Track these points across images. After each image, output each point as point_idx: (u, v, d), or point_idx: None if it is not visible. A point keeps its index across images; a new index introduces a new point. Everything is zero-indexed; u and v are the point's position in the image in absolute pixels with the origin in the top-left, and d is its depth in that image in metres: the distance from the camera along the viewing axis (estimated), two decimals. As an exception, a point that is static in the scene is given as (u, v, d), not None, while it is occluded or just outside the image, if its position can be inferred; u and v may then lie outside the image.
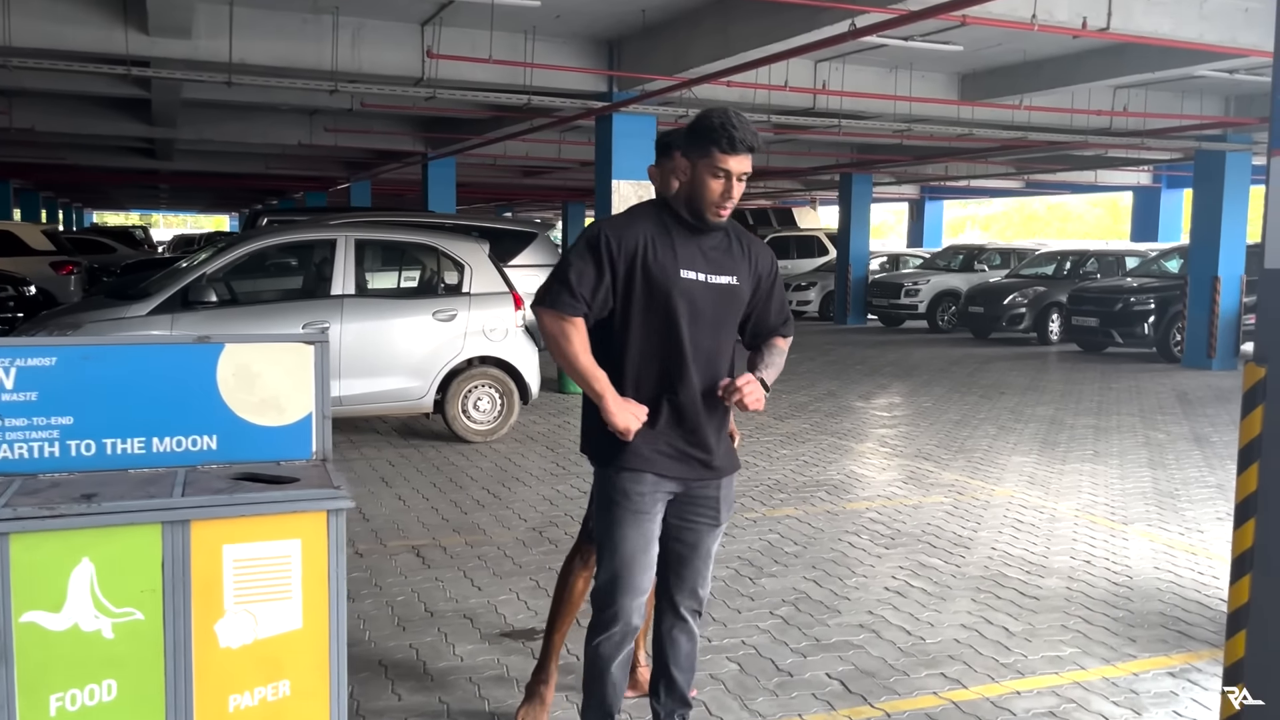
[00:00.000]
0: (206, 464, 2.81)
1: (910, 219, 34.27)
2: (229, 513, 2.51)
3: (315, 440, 2.91)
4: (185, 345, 2.79)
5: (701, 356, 2.92)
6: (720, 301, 2.94)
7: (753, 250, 3.03)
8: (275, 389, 2.86)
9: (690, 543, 3.07)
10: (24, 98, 15.23)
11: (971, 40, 10.61)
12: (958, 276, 20.64)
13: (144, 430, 2.75)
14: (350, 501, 2.61)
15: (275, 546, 2.56)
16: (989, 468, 7.99)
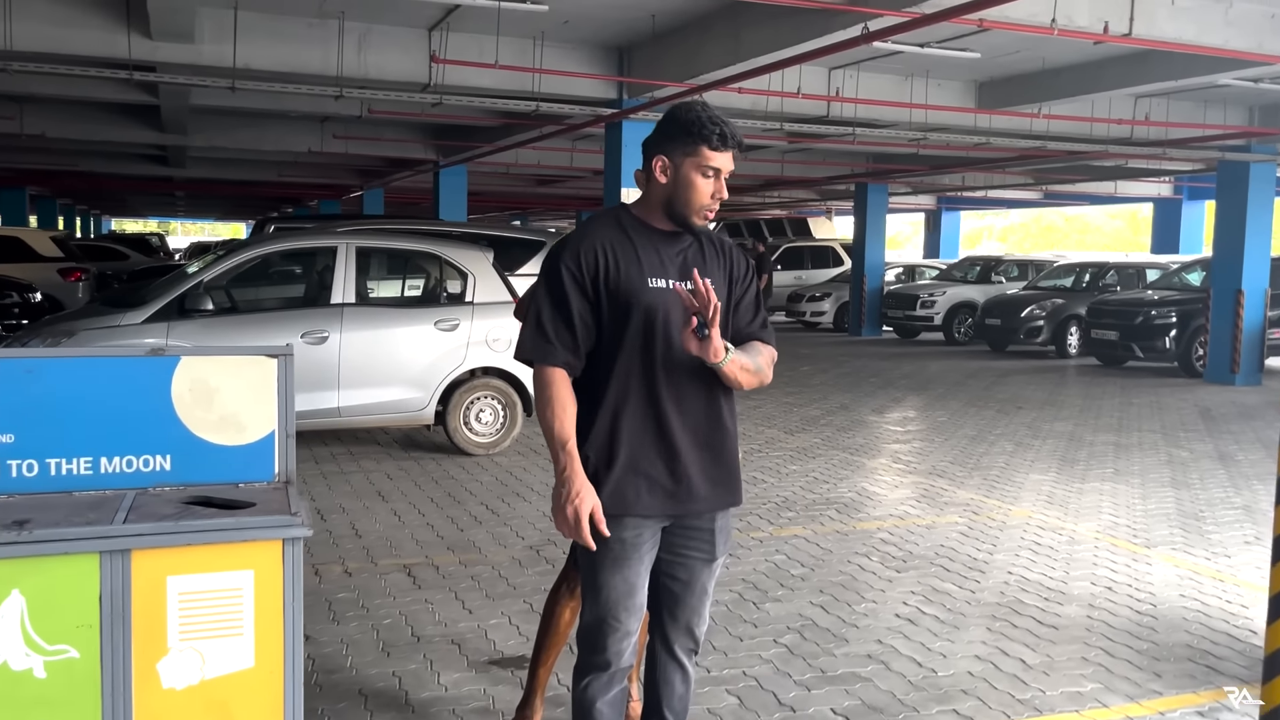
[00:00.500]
0: (159, 486, 2.61)
1: (926, 230, 33.97)
2: (174, 541, 2.31)
3: (278, 461, 2.71)
4: (137, 358, 2.59)
5: (682, 374, 2.64)
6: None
7: (726, 251, 2.78)
8: (235, 405, 2.66)
9: (683, 579, 2.79)
10: (34, 104, 15.20)
11: (989, 47, 10.39)
12: (974, 288, 20.36)
13: (91, 449, 2.56)
14: (307, 530, 2.40)
15: (225, 578, 2.35)
16: (1005, 486, 7.74)
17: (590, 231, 2.66)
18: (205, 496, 2.53)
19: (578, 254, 2.60)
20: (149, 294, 7.99)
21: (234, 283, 8.21)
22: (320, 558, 5.62)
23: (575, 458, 2.55)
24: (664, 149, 2.62)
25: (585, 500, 2.53)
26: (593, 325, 2.62)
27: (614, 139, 11.22)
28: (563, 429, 2.56)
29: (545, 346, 2.59)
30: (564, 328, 2.59)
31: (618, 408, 2.63)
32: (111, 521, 2.30)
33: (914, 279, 24.16)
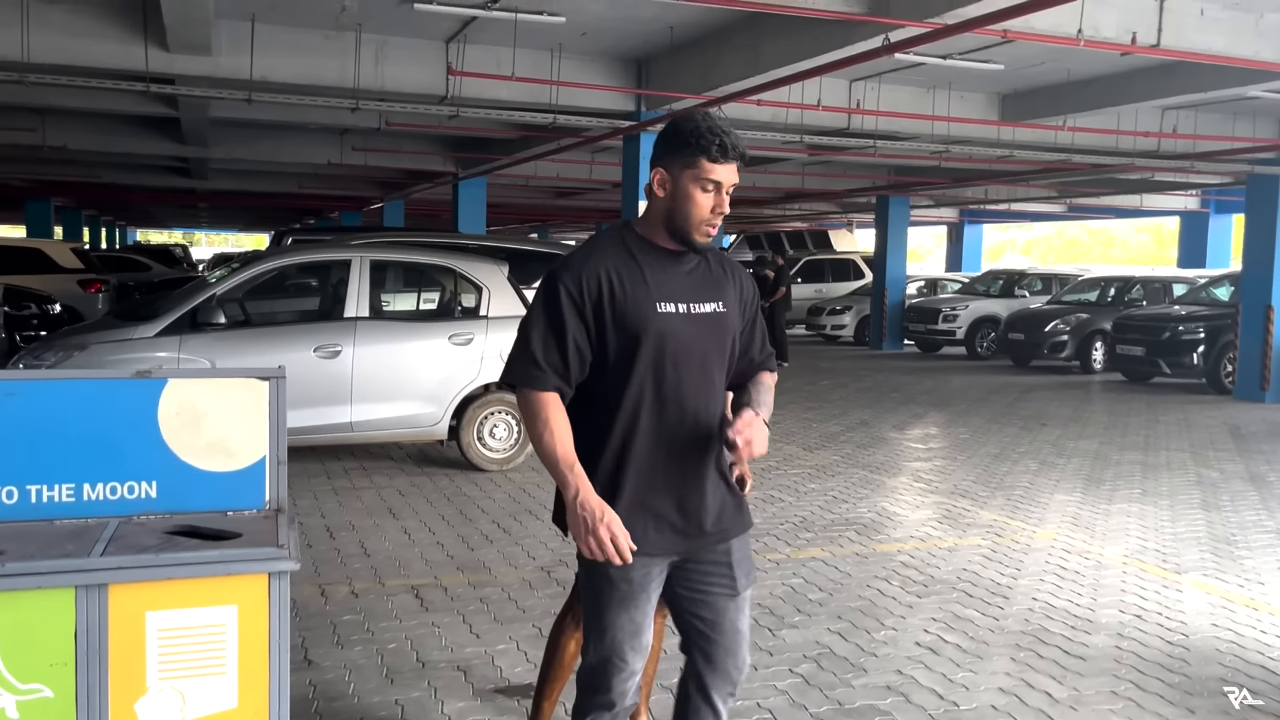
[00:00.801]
0: (144, 514, 2.50)
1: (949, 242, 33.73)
2: (153, 575, 2.20)
3: (269, 488, 2.60)
4: (122, 380, 2.49)
5: (690, 402, 2.50)
6: (707, 334, 2.51)
7: (735, 273, 2.66)
8: (224, 430, 2.55)
9: (709, 618, 2.60)
10: (55, 116, 15.28)
11: (1013, 59, 10.23)
12: (997, 302, 20.13)
13: (74, 476, 2.46)
14: (294, 563, 2.28)
15: (207, 614, 2.24)
16: (1030, 507, 7.55)
17: (593, 253, 2.49)
18: (191, 526, 2.43)
19: (579, 277, 2.44)
20: (162, 307, 7.93)
21: (247, 296, 8.15)
22: (327, 578, 5.51)
23: (584, 478, 2.39)
24: (663, 161, 2.48)
25: (612, 519, 2.37)
26: (588, 354, 2.47)
27: (632, 151, 11.13)
28: (565, 451, 2.40)
29: (534, 372, 2.43)
30: (556, 353, 2.44)
31: (625, 440, 2.48)
32: (89, 554, 2.20)
33: (936, 292, 23.94)
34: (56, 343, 7.72)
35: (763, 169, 18.96)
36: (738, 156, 2.44)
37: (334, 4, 9.14)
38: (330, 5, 9.18)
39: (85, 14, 9.16)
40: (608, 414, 2.48)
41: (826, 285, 25.19)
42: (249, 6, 9.26)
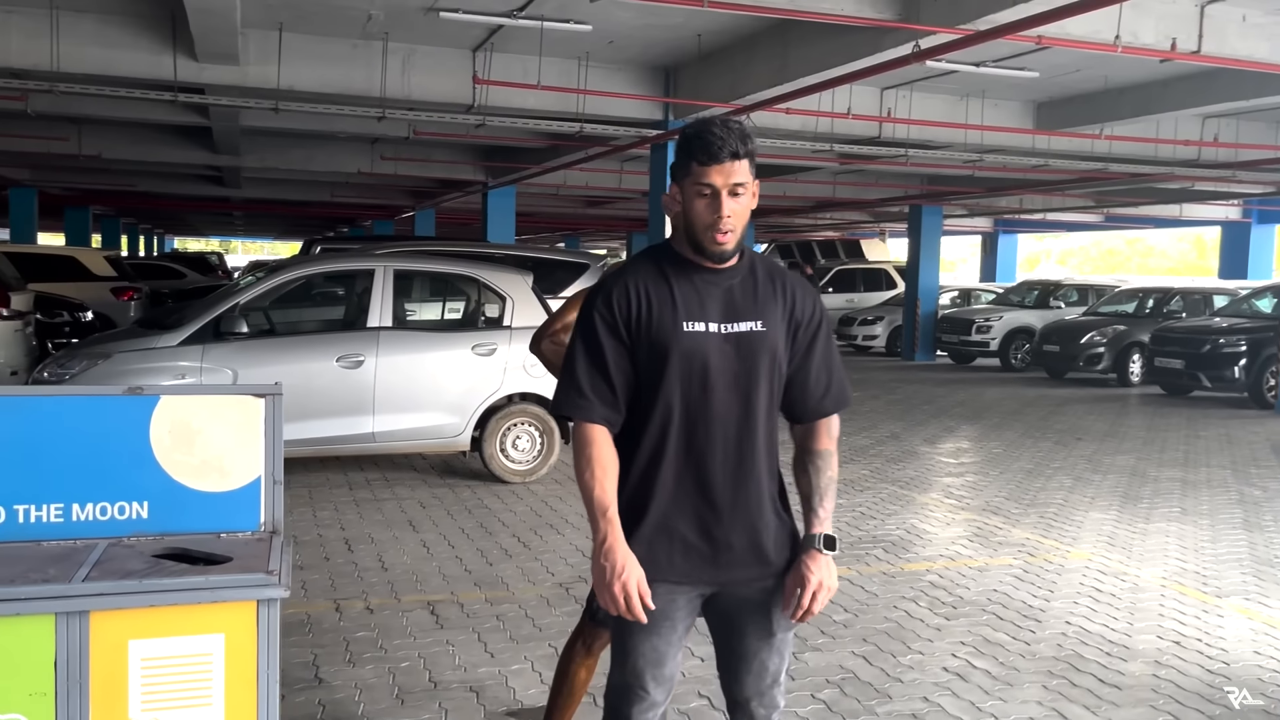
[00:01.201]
0: (135, 535, 2.42)
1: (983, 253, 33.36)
2: (137, 602, 2.11)
3: (264, 509, 2.51)
4: (114, 397, 2.41)
5: (722, 425, 2.35)
6: (743, 354, 2.34)
7: (789, 289, 2.42)
8: (219, 449, 2.47)
9: (740, 653, 2.46)
10: (90, 125, 15.44)
11: (1048, 66, 10.04)
12: (1032, 313, 19.82)
13: (63, 495, 2.38)
14: (284, 590, 2.19)
15: (193, 642, 2.15)
16: (1064, 525, 7.35)
17: (624, 272, 2.42)
18: (181, 549, 2.34)
19: (610, 297, 2.37)
20: (186, 316, 7.92)
21: (271, 305, 8.12)
22: (343, 592, 5.44)
23: (616, 526, 2.30)
24: (673, 174, 2.40)
25: (632, 575, 2.28)
26: (631, 373, 2.38)
27: (659, 160, 11.03)
28: (603, 495, 2.31)
29: (580, 401, 2.36)
30: (600, 378, 2.36)
31: (652, 461, 2.38)
32: (71, 579, 2.11)
33: (969, 303, 23.64)
34: (81, 351, 7.72)
35: (793, 178, 18.81)
36: (729, 156, 2.28)
37: (361, 13, 9.13)
38: (357, 14, 9.16)
39: (114, 24, 9.21)
40: (637, 434, 2.39)
41: (858, 295, 24.94)
42: (276, 16, 9.26)
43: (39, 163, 19.44)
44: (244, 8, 8.70)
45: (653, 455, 2.38)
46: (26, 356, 9.84)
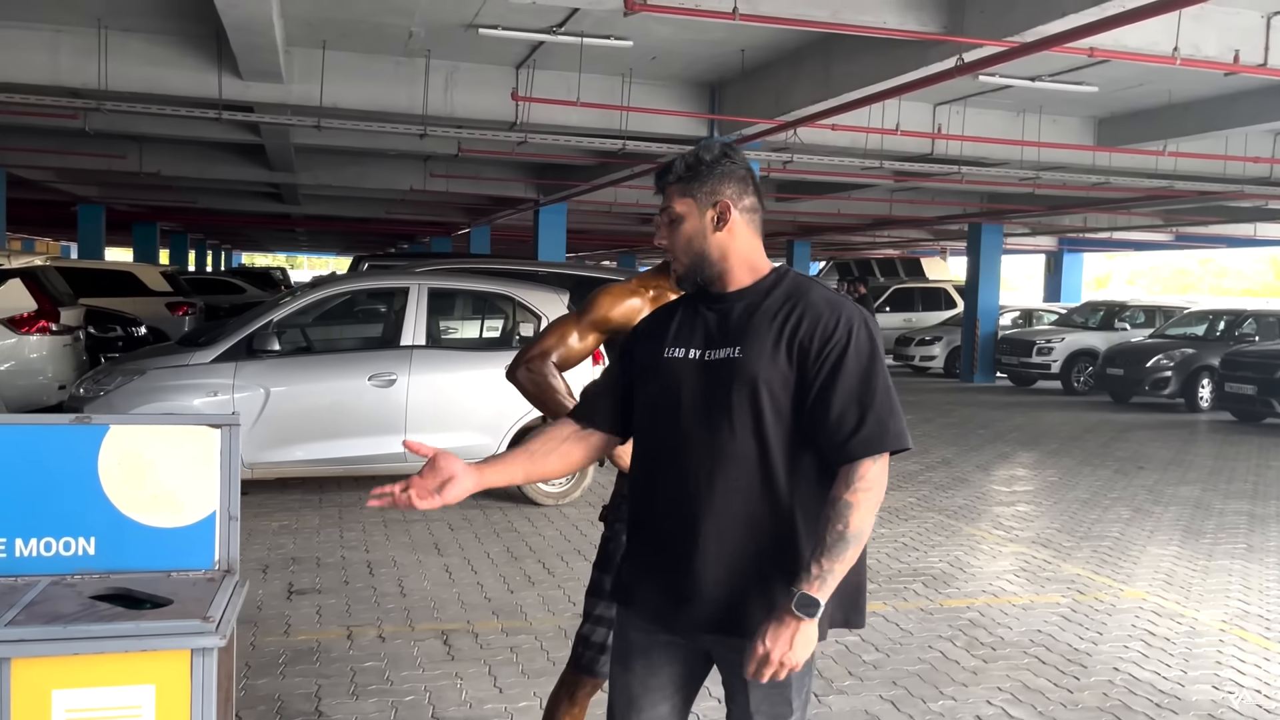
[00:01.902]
0: (79, 573, 2.29)
1: (1047, 272, 32.60)
2: (61, 649, 1.97)
3: (219, 546, 2.36)
4: (60, 426, 2.29)
5: (695, 463, 2.12)
6: (714, 383, 2.12)
7: (795, 313, 2.11)
8: (171, 482, 2.33)
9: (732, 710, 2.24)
10: (150, 143, 15.73)
11: (1108, 80, 9.67)
12: (1096, 335, 19.22)
13: (4, 530, 2.27)
14: (220, 639, 2.03)
15: (121, 694, 2.00)
16: (1119, 560, 6.98)
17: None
18: (124, 590, 2.20)
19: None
20: (222, 333, 7.92)
21: (305, 322, 8.09)
22: (357, 619, 5.31)
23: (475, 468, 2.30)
24: None
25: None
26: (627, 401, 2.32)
27: (704, 178, 10.85)
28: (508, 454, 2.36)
29: (580, 403, 2.42)
30: (604, 390, 2.36)
31: (636, 494, 2.28)
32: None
33: (1031, 323, 23.05)
34: (117, 368, 7.75)
35: (847, 195, 18.50)
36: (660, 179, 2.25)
37: (402, 30, 9.11)
38: (399, 32, 9.15)
39: (161, 43, 9.31)
40: (634, 463, 2.30)
41: (916, 314, 24.49)
42: (320, 34, 9.29)
43: (105, 180, 19.90)
44: (287, 26, 8.73)
45: (637, 488, 2.28)
46: (75, 371, 9.94)
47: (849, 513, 2.01)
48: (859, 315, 2.10)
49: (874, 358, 2.08)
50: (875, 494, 2.04)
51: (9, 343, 9.56)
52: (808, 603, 1.98)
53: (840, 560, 2.01)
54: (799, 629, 1.99)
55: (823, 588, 1.99)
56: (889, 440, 2.04)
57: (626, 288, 2.87)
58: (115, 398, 7.27)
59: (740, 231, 2.18)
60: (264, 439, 7.41)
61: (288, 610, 5.41)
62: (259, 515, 7.44)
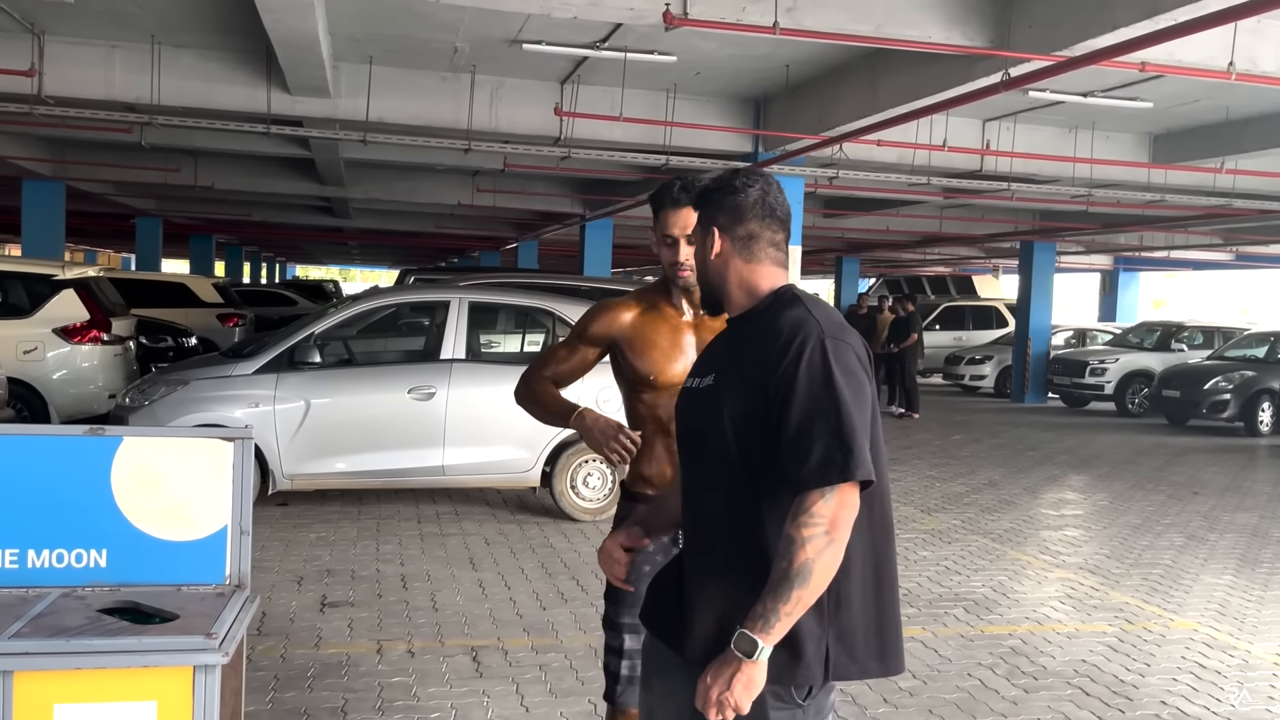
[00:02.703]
0: (91, 585, 2.28)
1: (1102, 291, 31.95)
2: (63, 663, 1.95)
3: (230, 561, 2.34)
4: (74, 437, 2.28)
5: (688, 486, 2.19)
6: (697, 413, 2.13)
7: (761, 338, 2.05)
8: (184, 495, 2.32)
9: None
10: (204, 157, 16.02)
11: (1163, 96, 9.46)
12: (1151, 356, 18.77)
13: (18, 540, 2.26)
14: (223, 657, 2.01)
15: (122, 709, 1.99)
16: (1170, 589, 6.76)
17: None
18: (132, 604, 2.19)
19: None
20: (265, 344, 8.00)
21: (345, 335, 8.14)
22: (388, 633, 5.30)
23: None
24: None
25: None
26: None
27: (749, 193, 10.78)
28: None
29: None
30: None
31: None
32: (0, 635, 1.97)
33: (1084, 343, 22.60)
34: (162, 378, 7.85)
35: (895, 211, 18.30)
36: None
37: (448, 46, 9.17)
38: (444, 47, 9.21)
39: (213, 59, 9.47)
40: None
41: (966, 333, 24.12)
42: (366, 50, 9.39)
43: (162, 193, 20.31)
44: (334, 42, 8.84)
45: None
46: (125, 380, 10.10)
47: (792, 549, 1.88)
48: (816, 337, 1.97)
49: (828, 382, 1.93)
50: (824, 531, 1.88)
51: (61, 351, 9.75)
52: (746, 643, 1.88)
53: (785, 601, 1.86)
54: (739, 669, 1.88)
55: (765, 629, 1.86)
56: (833, 473, 1.88)
57: (612, 303, 2.93)
58: (159, 408, 7.36)
59: (732, 260, 2.16)
60: (304, 450, 7.46)
61: (319, 623, 5.41)
62: (298, 526, 7.48)
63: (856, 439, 1.90)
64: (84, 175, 16.37)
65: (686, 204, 2.63)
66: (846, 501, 1.90)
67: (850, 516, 1.92)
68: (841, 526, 1.90)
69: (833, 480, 1.89)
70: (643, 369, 2.81)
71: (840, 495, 1.89)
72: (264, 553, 6.65)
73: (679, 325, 2.83)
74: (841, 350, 1.97)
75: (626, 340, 2.84)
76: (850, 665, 2.00)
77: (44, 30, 9.03)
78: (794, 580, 1.86)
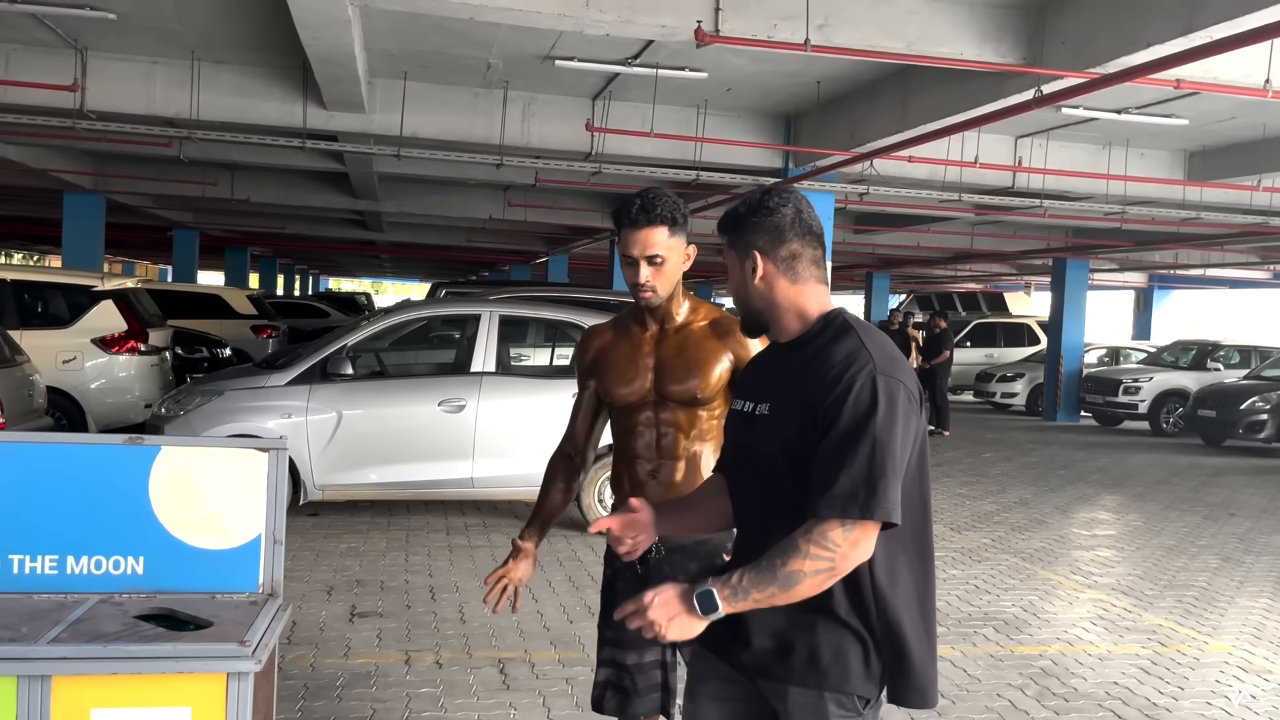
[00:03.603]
0: (128, 592, 2.32)
1: (1136, 309, 31.63)
2: (99, 668, 1.99)
3: (263, 570, 2.38)
4: (113, 446, 2.33)
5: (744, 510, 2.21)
6: (754, 440, 2.13)
7: (813, 368, 2.04)
8: (219, 504, 2.36)
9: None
10: (240, 170, 16.25)
11: (1198, 113, 9.38)
12: (1186, 375, 18.55)
13: (58, 547, 2.31)
14: (255, 665, 2.04)
15: (158, 715, 2.02)
16: (1205, 611, 6.67)
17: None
18: (168, 610, 2.23)
19: None
20: (298, 356, 8.09)
21: (379, 347, 8.22)
22: (416, 644, 5.33)
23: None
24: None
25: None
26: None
27: (779, 209, 10.78)
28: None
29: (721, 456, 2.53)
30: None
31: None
32: (39, 639, 2.01)
33: (1118, 361, 22.37)
34: (197, 388, 7.96)
35: (926, 228, 18.23)
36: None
37: (481, 62, 9.27)
38: (477, 63, 9.31)
39: (250, 75, 9.63)
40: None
41: (997, 350, 23.94)
42: (400, 65, 9.50)
43: (199, 206, 20.61)
44: (369, 58, 8.95)
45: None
46: (161, 390, 10.24)
47: (792, 554, 1.91)
48: (868, 372, 1.96)
49: (870, 417, 1.93)
50: (829, 558, 1.90)
51: (99, 361, 9.90)
52: (708, 600, 1.94)
53: (759, 590, 1.92)
54: (684, 615, 1.95)
55: (731, 600, 1.93)
56: (855, 508, 1.89)
57: (588, 332, 3.01)
58: (194, 418, 7.46)
59: (777, 282, 2.13)
60: (335, 461, 7.53)
61: (349, 633, 5.45)
62: (328, 537, 7.54)
63: (885, 479, 1.91)
64: (124, 188, 16.65)
65: (645, 225, 2.58)
66: (863, 540, 1.93)
67: (860, 557, 1.94)
68: (849, 562, 1.93)
69: (850, 515, 1.90)
70: (601, 390, 2.87)
71: (860, 531, 1.92)
72: (295, 562, 6.71)
73: (640, 343, 2.80)
74: (892, 388, 1.97)
75: (596, 365, 2.88)
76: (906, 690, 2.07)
77: (87, 46, 9.21)
78: (778, 580, 1.92)
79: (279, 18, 7.36)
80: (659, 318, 2.77)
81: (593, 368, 2.88)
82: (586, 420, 2.95)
